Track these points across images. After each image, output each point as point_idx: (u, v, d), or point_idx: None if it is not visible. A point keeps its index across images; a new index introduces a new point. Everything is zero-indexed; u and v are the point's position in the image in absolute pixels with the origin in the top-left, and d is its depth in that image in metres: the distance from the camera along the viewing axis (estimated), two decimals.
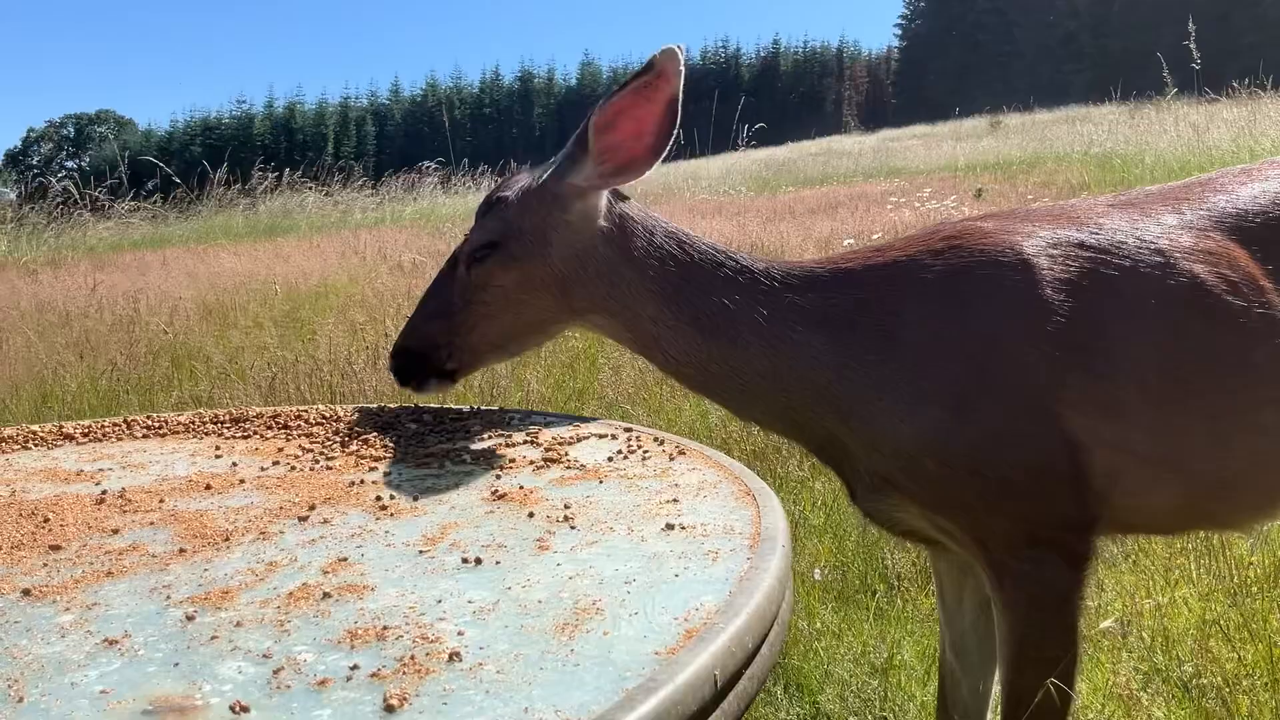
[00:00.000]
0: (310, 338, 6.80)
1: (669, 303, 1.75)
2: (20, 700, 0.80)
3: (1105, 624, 2.30)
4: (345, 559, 1.07)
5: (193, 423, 1.85)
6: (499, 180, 1.87)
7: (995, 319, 1.74)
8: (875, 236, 7.81)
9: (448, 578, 1.00)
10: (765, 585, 0.90)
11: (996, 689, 1.91)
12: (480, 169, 20.34)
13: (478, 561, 1.03)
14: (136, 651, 0.88)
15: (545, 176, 1.80)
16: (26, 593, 1.03)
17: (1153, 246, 1.76)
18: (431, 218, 16.42)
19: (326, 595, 0.97)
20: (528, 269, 1.76)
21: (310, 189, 17.96)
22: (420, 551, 1.08)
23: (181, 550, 1.14)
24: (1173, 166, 12.74)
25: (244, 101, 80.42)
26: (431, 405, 1.77)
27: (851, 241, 7.42)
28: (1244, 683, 2.43)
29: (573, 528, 1.12)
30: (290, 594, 0.98)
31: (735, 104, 18.51)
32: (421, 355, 1.74)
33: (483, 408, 1.79)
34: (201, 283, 9.09)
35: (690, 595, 0.90)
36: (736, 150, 19.44)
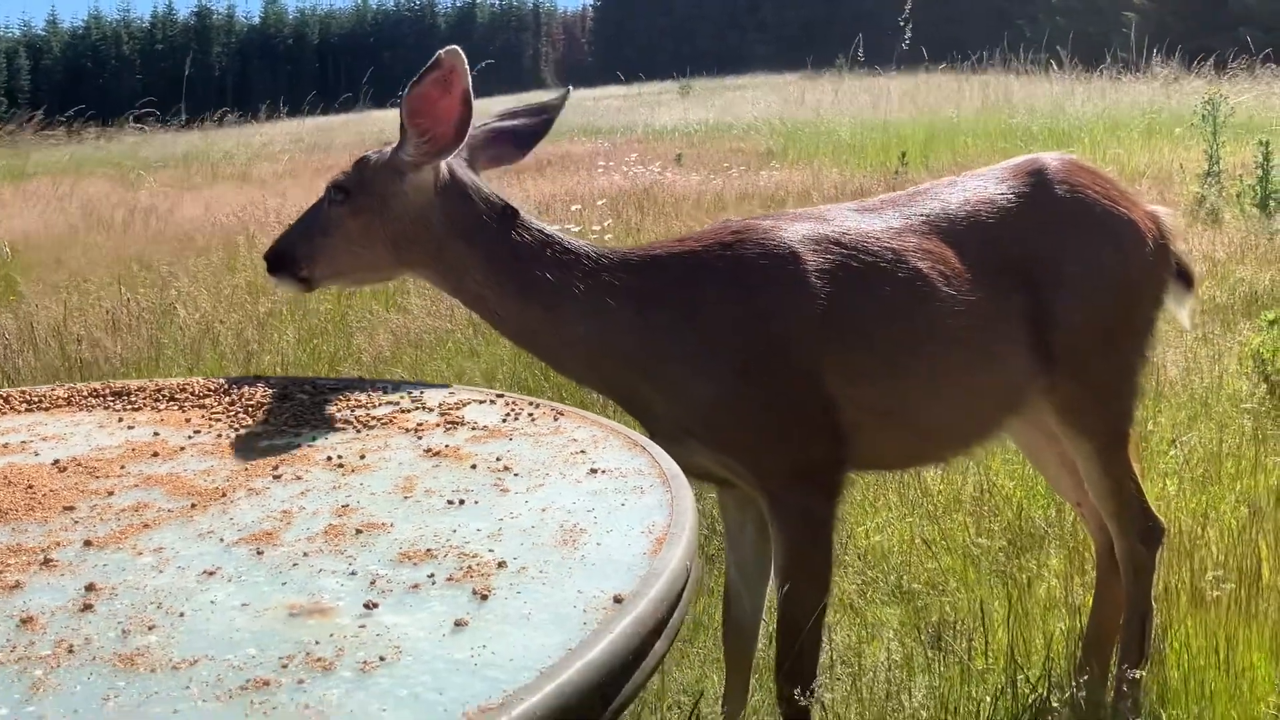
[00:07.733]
0: (18, 301, 6.49)
1: (495, 272, 2.14)
2: (181, 615, 1.06)
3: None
4: (347, 506, 1.36)
5: (72, 397, 2.00)
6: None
7: (772, 302, 2.22)
8: (600, 203, 8.29)
9: (445, 515, 1.32)
10: (690, 506, 1.28)
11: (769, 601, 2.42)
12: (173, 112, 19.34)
13: (460, 503, 1.35)
14: (240, 578, 1.15)
15: (390, 150, 2.18)
16: (89, 543, 1.25)
17: (888, 246, 2.29)
18: (129, 162, 15.49)
19: (359, 531, 1.26)
20: (367, 223, 2.16)
21: None
22: (405, 497, 1.39)
23: (193, 505, 1.38)
24: (857, 134, 14.04)
25: None
26: (308, 378, 2.02)
27: (579, 208, 7.85)
28: (942, 584, 3.07)
29: (516, 475, 1.46)
30: (325, 531, 1.27)
31: (428, 55, 18.43)
32: (288, 260, 2.14)
33: (356, 378, 2.05)
34: None
35: (642, 517, 1.27)
36: None
